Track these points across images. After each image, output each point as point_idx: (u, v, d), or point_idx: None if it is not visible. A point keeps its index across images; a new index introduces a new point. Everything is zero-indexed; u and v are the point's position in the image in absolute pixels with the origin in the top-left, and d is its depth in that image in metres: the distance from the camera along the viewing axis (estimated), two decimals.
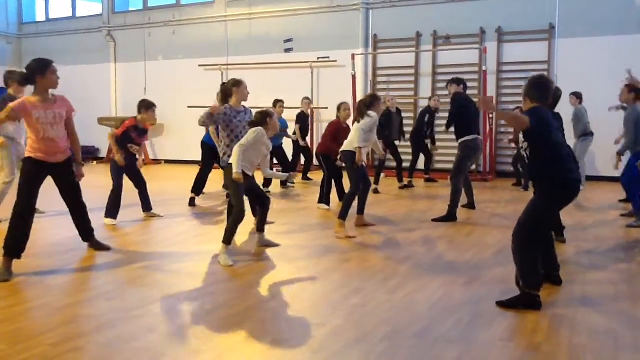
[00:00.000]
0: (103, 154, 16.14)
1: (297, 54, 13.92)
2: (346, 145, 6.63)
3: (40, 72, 4.83)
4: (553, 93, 5.00)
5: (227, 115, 5.93)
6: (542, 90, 4.05)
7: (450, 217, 7.10)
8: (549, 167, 3.94)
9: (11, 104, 4.84)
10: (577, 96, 9.86)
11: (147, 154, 15.37)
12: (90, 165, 13.72)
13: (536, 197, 4.06)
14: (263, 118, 5.44)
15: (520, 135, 4.13)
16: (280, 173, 5.83)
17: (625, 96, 7.25)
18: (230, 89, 6.30)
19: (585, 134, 9.68)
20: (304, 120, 11.17)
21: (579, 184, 4.07)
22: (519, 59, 11.87)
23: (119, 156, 6.78)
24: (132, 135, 6.90)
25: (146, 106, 7.00)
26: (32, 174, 4.86)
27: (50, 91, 4.95)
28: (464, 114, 7.37)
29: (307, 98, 11.58)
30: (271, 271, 5.04)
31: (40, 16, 17.97)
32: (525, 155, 4.12)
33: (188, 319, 3.80)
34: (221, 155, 5.80)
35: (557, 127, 4.20)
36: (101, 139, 16.15)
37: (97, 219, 6.73)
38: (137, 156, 7.08)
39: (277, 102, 10.21)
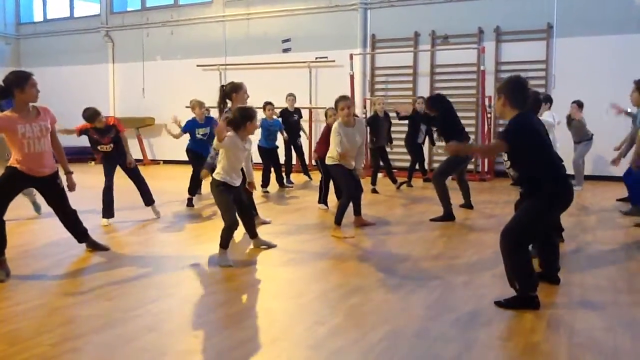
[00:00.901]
0: None
1: (295, 54, 13.92)
2: (328, 159, 6.44)
3: (19, 86, 4.58)
4: (533, 98, 5.00)
5: None
6: (522, 93, 3.91)
7: (447, 216, 7.10)
8: (541, 171, 3.86)
9: None
10: (580, 105, 9.66)
11: (146, 155, 15.39)
12: (88, 166, 13.71)
13: (529, 202, 3.96)
14: (243, 121, 5.15)
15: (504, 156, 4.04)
16: (250, 171, 5.69)
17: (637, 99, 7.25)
18: (230, 94, 6.26)
19: (587, 139, 9.70)
20: (286, 117, 10.80)
21: (572, 189, 4.02)
22: (517, 59, 11.88)
23: (66, 132, 6.93)
24: (95, 137, 6.92)
25: (93, 116, 6.85)
26: (11, 183, 4.78)
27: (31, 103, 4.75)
28: (453, 120, 7.32)
29: (291, 94, 11.10)
30: (269, 271, 5.04)
31: (38, 16, 17.96)
32: (510, 175, 4.08)
33: (187, 318, 3.80)
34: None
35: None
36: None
37: (95, 219, 6.75)
38: (127, 157, 7.05)
39: (267, 105, 9.93)
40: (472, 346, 3.31)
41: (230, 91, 6.27)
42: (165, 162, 15.41)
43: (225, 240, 5.15)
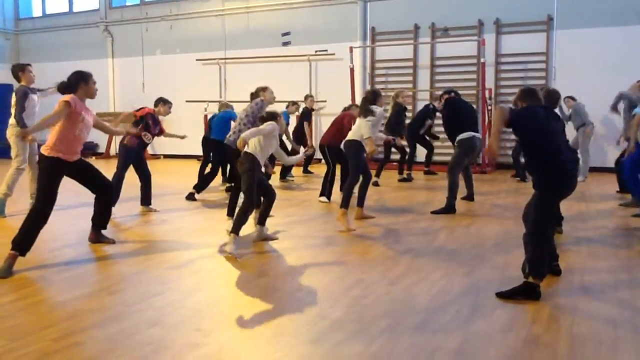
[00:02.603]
0: (102, 149, 16.13)
1: (295, 47, 13.90)
2: (351, 136, 6.61)
3: (84, 80, 5.05)
4: (550, 95, 5.13)
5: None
6: (529, 94, 4.31)
7: (449, 209, 7.11)
8: (541, 160, 4.02)
9: (65, 98, 4.88)
10: (572, 98, 10.02)
11: (147, 149, 15.38)
12: (90, 161, 13.70)
13: (537, 192, 4.11)
14: (273, 116, 5.63)
15: None
16: (293, 157, 6.74)
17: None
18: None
19: (583, 124, 9.74)
20: (308, 116, 11.29)
21: (574, 176, 4.09)
22: (517, 51, 11.86)
23: (129, 137, 7.04)
24: (149, 122, 7.19)
25: (164, 100, 7.56)
26: (53, 173, 4.90)
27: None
28: (454, 117, 7.51)
29: (310, 95, 11.69)
30: (271, 264, 5.05)
31: (37, 12, 17.93)
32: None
33: (189, 312, 3.80)
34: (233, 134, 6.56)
35: (557, 128, 4.27)
36: (100, 135, 16.14)
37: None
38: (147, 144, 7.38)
39: (294, 105, 10.84)
40: (473, 338, 3.32)
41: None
42: (166, 156, 15.42)
43: (239, 224, 5.24)
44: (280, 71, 13.71)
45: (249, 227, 6.01)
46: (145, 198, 7.37)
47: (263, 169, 5.66)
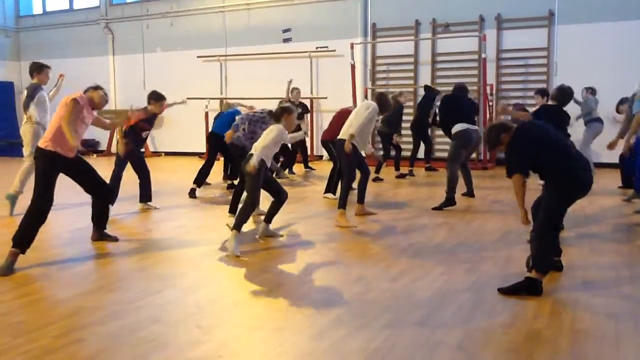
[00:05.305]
0: (103, 147, 16.14)
1: (296, 44, 13.88)
2: (343, 134, 6.51)
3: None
4: (564, 93, 5.25)
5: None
6: (495, 134, 4.19)
7: (448, 202, 7.10)
8: (550, 168, 4.04)
9: (74, 97, 4.93)
10: (592, 92, 9.62)
11: (147, 147, 15.38)
12: (91, 158, 13.72)
13: (548, 194, 4.12)
14: (281, 113, 5.43)
15: None
16: (276, 165, 6.09)
17: None
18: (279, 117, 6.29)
19: (591, 120, 9.53)
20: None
21: (589, 182, 4.14)
22: (518, 46, 11.84)
23: (122, 148, 6.89)
24: (144, 126, 7.07)
25: (155, 98, 7.14)
26: (49, 169, 4.89)
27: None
28: (446, 111, 7.68)
29: (296, 88, 11.11)
30: (273, 260, 5.05)
31: (37, 9, 17.93)
32: None
33: (190, 308, 3.80)
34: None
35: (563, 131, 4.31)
36: (101, 133, 16.15)
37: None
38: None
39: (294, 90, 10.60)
40: (474, 333, 3.32)
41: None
42: (167, 154, 15.42)
43: (240, 221, 5.21)
44: (281, 68, 13.69)
45: (251, 224, 6.02)
46: (145, 195, 7.29)
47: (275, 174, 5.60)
